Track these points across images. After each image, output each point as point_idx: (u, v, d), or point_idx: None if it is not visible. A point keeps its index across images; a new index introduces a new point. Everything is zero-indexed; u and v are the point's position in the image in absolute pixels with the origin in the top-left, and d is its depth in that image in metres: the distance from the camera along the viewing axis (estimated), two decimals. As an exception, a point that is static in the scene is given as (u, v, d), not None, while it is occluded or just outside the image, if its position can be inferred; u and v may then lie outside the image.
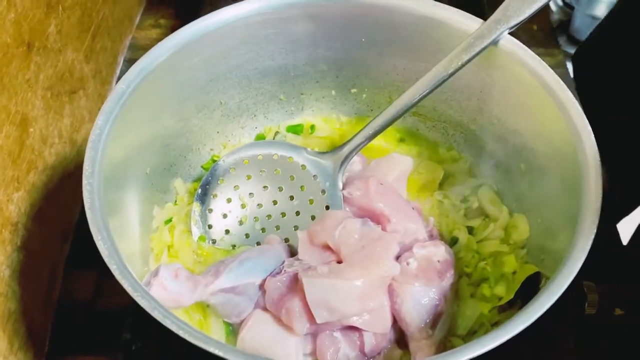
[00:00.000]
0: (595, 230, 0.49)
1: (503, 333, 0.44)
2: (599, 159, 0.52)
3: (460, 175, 0.73)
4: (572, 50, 1.10)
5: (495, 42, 0.61)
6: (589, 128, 0.54)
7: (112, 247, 0.47)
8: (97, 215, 0.48)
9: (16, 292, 0.66)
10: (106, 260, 0.46)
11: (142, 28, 1.12)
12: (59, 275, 0.77)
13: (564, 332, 0.68)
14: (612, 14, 0.76)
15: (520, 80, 0.61)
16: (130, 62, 1.04)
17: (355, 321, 0.55)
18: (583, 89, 0.57)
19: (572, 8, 1.13)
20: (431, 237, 0.66)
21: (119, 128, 0.56)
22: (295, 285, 0.57)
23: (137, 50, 1.08)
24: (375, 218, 0.63)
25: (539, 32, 1.11)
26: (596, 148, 0.53)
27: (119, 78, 0.79)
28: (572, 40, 1.12)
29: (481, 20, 0.62)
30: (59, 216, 0.78)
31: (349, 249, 0.58)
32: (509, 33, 0.61)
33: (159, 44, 0.61)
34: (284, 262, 0.61)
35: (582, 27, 1.10)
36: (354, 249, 0.58)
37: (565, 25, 1.14)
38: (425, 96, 0.62)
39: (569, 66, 1.05)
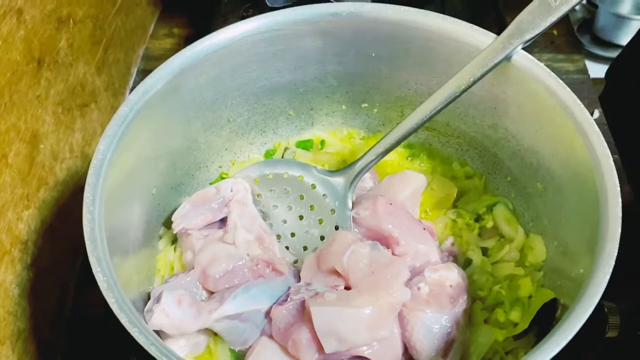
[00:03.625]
0: (613, 262, 0.46)
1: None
2: (617, 183, 0.50)
3: (474, 192, 0.71)
4: (595, 50, 1.07)
5: (508, 58, 0.59)
6: (608, 151, 0.51)
7: (111, 279, 0.46)
8: (97, 245, 0.48)
9: (26, 311, 0.66)
10: (104, 293, 0.45)
11: (156, 38, 1.11)
12: (70, 292, 0.77)
13: (584, 355, 0.66)
14: None
15: (535, 97, 0.59)
16: (143, 72, 1.04)
17: (364, 351, 0.54)
18: (614, 107, 0.55)
19: (595, 6, 1.09)
20: (450, 257, 0.64)
21: (122, 151, 0.55)
22: (302, 313, 0.55)
23: (151, 61, 1.07)
24: (384, 240, 0.61)
25: (559, 37, 1.08)
26: (615, 172, 0.50)
27: (132, 89, 0.78)
28: (596, 39, 1.09)
29: (494, 35, 0.60)
30: (70, 231, 0.78)
31: (358, 275, 0.56)
32: (523, 48, 0.59)
33: (163, 64, 0.60)
34: (289, 287, 0.59)
35: (606, 25, 1.06)
36: (363, 274, 0.56)
37: (588, 24, 1.11)
38: (438, 112, 0.60)
39: (589, 65, 1.01)
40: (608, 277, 0.46)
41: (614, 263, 0.46)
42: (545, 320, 0.57)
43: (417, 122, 0.61)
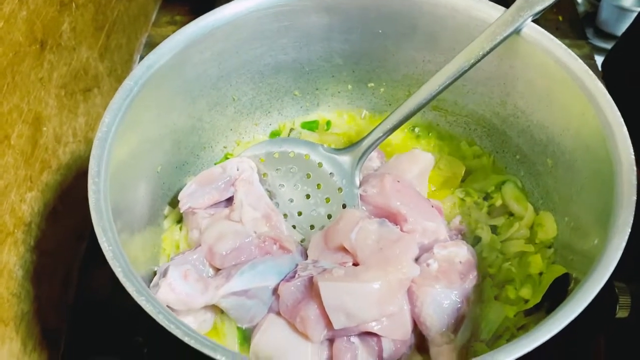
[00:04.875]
0: (629, 229, 0.46)
1: (532, 340, 0.42)
2: (632, 151, 0.49)
3: (482, 171, 0.70)
4: (599, 43, 1.07)
5: (518, 31, 0.58)
6: (621, 120, 0.51)
7: (117, 249, 0.45)
8: (103, 216, 0.47)
9: (30, 293, 0.66)
10: (110, 262, 0.44)
11: (158, 25, 1.11)
12: (74, 275, 0.77)
13: (595, 335, 0.65)
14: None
15: (545, 71, 0.58)
16: (146, 59, 1.04)
17: (373, 327, 0.53)
18: (612, 95, 0.54)
19: (598, -1, 1.09)
20: (458, 235, 0.64)
21: (127, 126, 0.54)
22: (310, 289, 0.55)
23: (153, 48, 1.06)
24: (392, 217, 0.60)
25: (564, 23, 1.08)
26: (629, 140, 0.50)
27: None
28: (599, 32, 1.08)
29: (502, 8, 0.59)
30: (74, 215, 0.78)
31: (366, 252, 0.56)
32: (533, 21, 0.58)
33: (168, 39, 0.60)
34: (297, 265, 0.58)
35: (609, 18, 1.06)
36: (371, 251, 0.55)
37: (591, 17, 1.10)
38: (446, 87, 0.59)
39: (597, 58, 1.01)
40: (624, 244, 0.45)
41: (629, 230, 0.45)
42: (557, 296, 0.56)
43: (426, 98, 0.60)
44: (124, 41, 0.98)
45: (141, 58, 1.04)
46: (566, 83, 0.56)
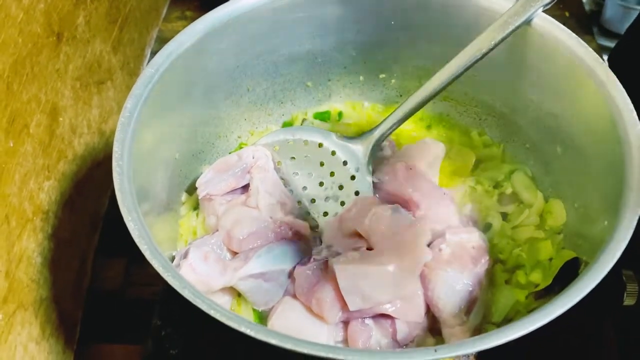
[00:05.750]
0: (639, 211, 0.47)
1: (540, 317, 0.43)
2: (642, 136, 0.50)
3: (493, 160, 0.71)
4: (603, 42, 1.07)
5: (528, 21, 0.59)
6: (631, 105, 0.52)
7: (142, 227, 0.46)
8: (127, 196, 0.48)
9: (47, 280, 0.67)
10: (136, 240, 0.45)
11: (169, 20, 1.13)
12: (89, 264, 0.78)
13: (604, 323, 0.66)
14: None
15: (555, 60, 0.59)
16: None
17: (387, 309, 0.54)
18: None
19: (603, -3, 1.10)
20: (469, 222, 0.65)
21: (147, 112, 0.55)
22: (325, 273, 0.56)
23: (164, 43, 1.06)
24: (405, 204, 0.61)
25: (571, 19, 1.09)
26: (639, 125, 0.51)
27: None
28: (604, 31, 1.09)
29: (514, -1, 0.60)
30: (88, 205, 0.79)
31: (379, 237, 0.57)
32: (543, 11, 0.59)
33: (187, 28, 0.61)
34: (312, 249, 0.60)
35: (614, 17, 1.06)
36: (385, 236, 0.57)
37: (596, 16, 1.11)
38: (457, 77, 0.60)
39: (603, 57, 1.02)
40: (634, 223, 0.46)
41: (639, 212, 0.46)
42: (567, 280, 0.57)
43: (437, 87, 0.61)
44: (136, 35, 0.99)
45: (152, 53, 1.05)
46: (576, 71, 0.57)
